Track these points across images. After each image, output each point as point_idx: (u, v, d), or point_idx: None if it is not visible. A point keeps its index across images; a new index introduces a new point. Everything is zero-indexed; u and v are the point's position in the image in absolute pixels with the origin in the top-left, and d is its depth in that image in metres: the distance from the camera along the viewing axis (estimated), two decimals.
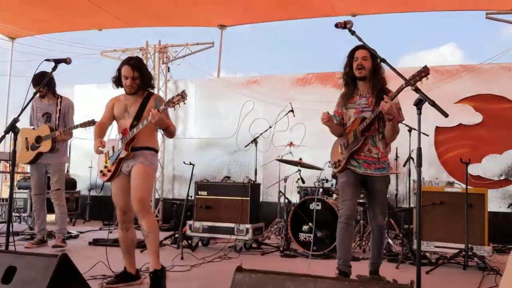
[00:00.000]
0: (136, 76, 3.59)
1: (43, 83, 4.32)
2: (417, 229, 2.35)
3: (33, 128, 5.44)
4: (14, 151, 2.95)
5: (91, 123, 4.89)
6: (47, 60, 3.12)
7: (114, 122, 3.80)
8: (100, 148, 3.54)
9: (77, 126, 5.12)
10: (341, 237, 3.63)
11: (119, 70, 3.64)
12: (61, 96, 5.43)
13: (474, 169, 7.02)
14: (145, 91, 3.70)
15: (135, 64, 3.61)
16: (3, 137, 3.31)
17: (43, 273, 2.25)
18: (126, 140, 3.54)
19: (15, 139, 2.98)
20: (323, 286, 1.84)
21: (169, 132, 3.62)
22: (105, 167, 3.64)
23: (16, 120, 3.01)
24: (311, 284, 1.86)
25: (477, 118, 7.21)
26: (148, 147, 3.64)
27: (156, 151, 3.72)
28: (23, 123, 5.12)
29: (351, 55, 3.67)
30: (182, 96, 3.38)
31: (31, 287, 2.24)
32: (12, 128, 2.98)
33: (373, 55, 3.48)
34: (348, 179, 3.70)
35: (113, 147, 3.64)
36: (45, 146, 5.20)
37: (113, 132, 3.84)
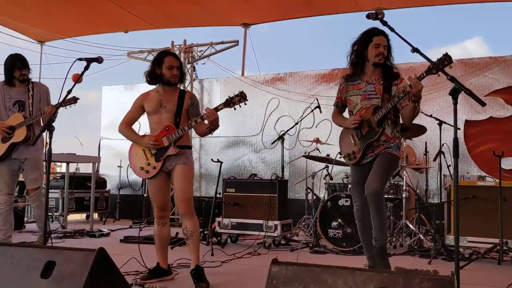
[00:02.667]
0: (178, 66, 3.65)
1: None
2: (454, 221, 2.32)
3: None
4: (50, 150, 3.02)
5: (72, 100, 4.36)
6: (80, 59, 3.16)
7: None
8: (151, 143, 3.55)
9: (59, 105, 4.08)
10: (360, 235, 3.76)
11: (159, 62, 3.62)
12: (33, 82, 4.80)
13: (506, 163, 6.86)
14: (177, 87, 3.74)
15: (176, 55, 3.74)
16: (39, 135, 3.41)
17: (81, 267, 2.29)
18: (174, 137, 3.56)
19: (50, 137, 3.04)
20: (361, 278, 1.83)
21: (212, 131, 3.62)
22: (148, 164, 3.62)
23: (52, 120, 3.08)
24: (349, 276, 1.85)
25: (508, 111, 7.05)
26: (188, 146, 3.72)
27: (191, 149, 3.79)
28: None
29: (369, 38, 3.52)
30: (243, 96, 3.55)
31: (70, 280, 2.27)
32: (48, 126, 3.05)
33: (389, 44, 3.51)
34: (356, 178, 3.69)
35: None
36: (19, 135, 4.52)
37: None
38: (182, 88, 3.82)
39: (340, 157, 4.06)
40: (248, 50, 9.36)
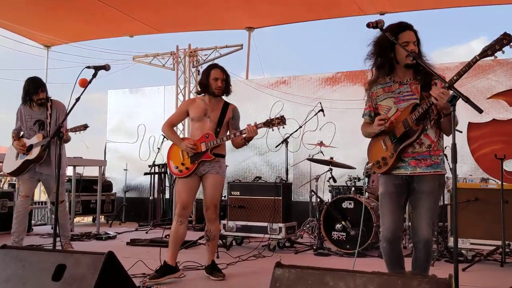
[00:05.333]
0: (224, 78, 3.95)
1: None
2: (453, 224, 2.37)
3: (21, 137, 5.00)
4: (60, 155, 3.10)
5: (82, 127, 4.58)
6: (88, 67, 3.24)
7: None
8: (190, 146, 3.83)
9: (68, 130, 4.63)
10: (387, 260, 3.03)
11: (207, 74, 3.93)
12: (51, 100, 4.95)
13: (509, 165, 6.90)
14: (222, 99, 4.06)
15: (223, 68, 3.98)
16: (49, 141, 3.49)
17: (91, 269, 2.35)
18: (211, 145, 3.87)
19: (60, 144, 3.12)
20: (362, 281, 1.89)
21: (246, 144, 3.98)
22: (183, 164, 3.91)
23: (60, 126, 3.16)
24: (350, 279, 1.91)
25: (510, 113, 7.09)
26: (222, 155, 4.02)
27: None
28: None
29: (395, 35, 2.82)
30: (282, 120, 3.79)
31: (80, 283, 2.34)
32: (57, 133, 3.12)
33: (418, 38, 2.90)
34: (387, 188, 2.98)
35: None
36: (33, 153, 4.72)
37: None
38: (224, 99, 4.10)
39: (368, 167, 3.56)
40: (252, 53, 9.44)
